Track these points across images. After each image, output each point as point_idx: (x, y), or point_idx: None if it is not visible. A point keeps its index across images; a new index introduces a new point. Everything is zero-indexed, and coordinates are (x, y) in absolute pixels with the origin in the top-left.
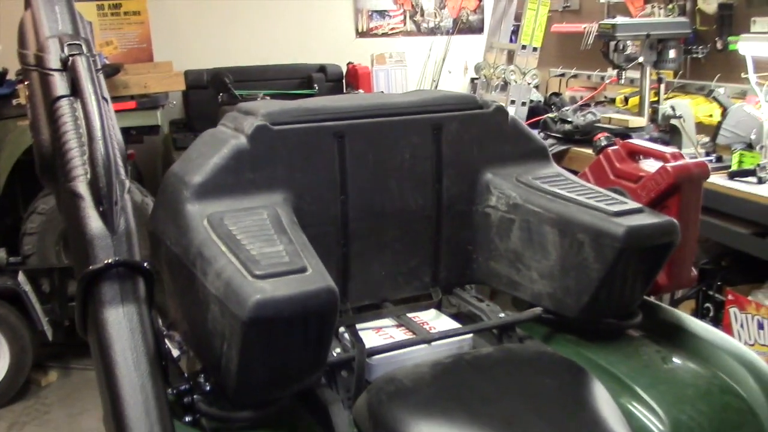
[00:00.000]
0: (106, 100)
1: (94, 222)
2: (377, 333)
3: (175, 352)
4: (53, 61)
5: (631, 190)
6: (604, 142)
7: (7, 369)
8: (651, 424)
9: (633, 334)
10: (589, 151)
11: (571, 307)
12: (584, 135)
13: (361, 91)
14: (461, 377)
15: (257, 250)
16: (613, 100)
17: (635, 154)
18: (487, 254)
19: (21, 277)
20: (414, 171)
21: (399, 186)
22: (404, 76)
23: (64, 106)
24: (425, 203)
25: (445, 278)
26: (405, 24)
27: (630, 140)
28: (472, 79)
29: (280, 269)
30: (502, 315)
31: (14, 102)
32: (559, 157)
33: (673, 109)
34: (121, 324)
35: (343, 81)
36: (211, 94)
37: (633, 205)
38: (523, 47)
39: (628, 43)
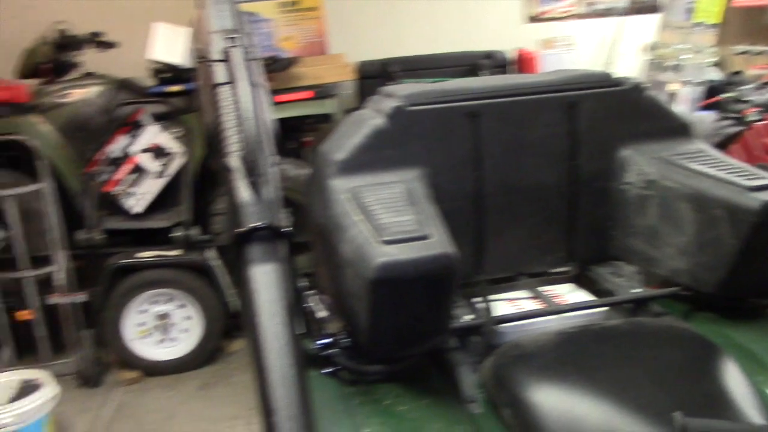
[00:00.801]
0: (258, 86)
1: (243, 191)
2: (511, 303)
3: (324, 313)
4: (216, 53)
5: None
6: (752, 117)
7: (200, 336)
8: None
9: None
10: None
11: (708, 283)
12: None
13: None
14: (584, 345)
15: (388, 219)
16: None
17: None
18: (624, 230)
19: (212, 252)
20: (549, 148)
21: (534, 163)
22: (573, 60)
23: (224, 91)
24: (560, 180)
25: (582, 254)
26: (577, 7)
27: None
28: (648, 61)
29: (405, 236)
30: (637, 290)
31: None
32: (734, 138)
33: None
34: (263, 279)
35: (508, 67)
36: (381, 83)
37: None
38: (698, 25)
39: None
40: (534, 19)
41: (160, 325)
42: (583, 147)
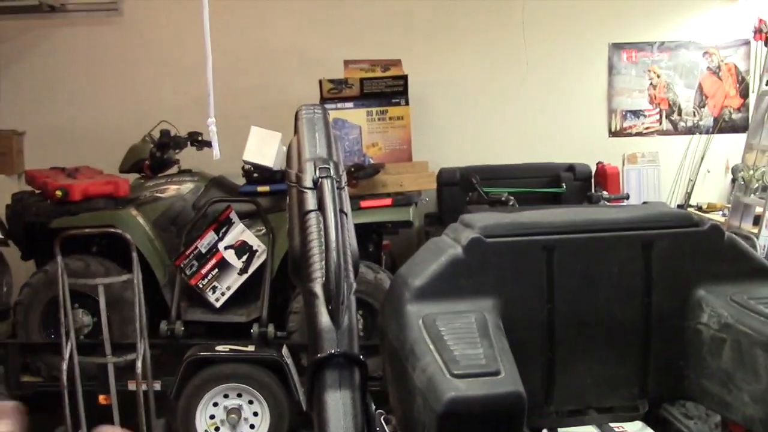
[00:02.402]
0: (345, 214)
1: (323, 318)
2: None
3: None
4: (308, 180)
5: None
6: None
7: (267, 431)
8: None
9: None
10: None
11: None
12: None
13: (605, 192)
14: None
15: (460, 351)
16: None
17: None
18: (698, 371)
19: (285, 350)
20: (622, 284)
21: (607, 298)
22: (656, 176)
23: (312, 218)
24: (633, 316)
25: (654, 391)
26: (661, 123)
27: None
28: (733, 180)
29: (476, 370)
30: None
31: None
32: None
33: None
34: (337, 405)
35: (590, 181)
36: (461, 191)
37: None
38: None
39: None
40: (617, 133)
41: (229, 419)
42: (658, 285)
